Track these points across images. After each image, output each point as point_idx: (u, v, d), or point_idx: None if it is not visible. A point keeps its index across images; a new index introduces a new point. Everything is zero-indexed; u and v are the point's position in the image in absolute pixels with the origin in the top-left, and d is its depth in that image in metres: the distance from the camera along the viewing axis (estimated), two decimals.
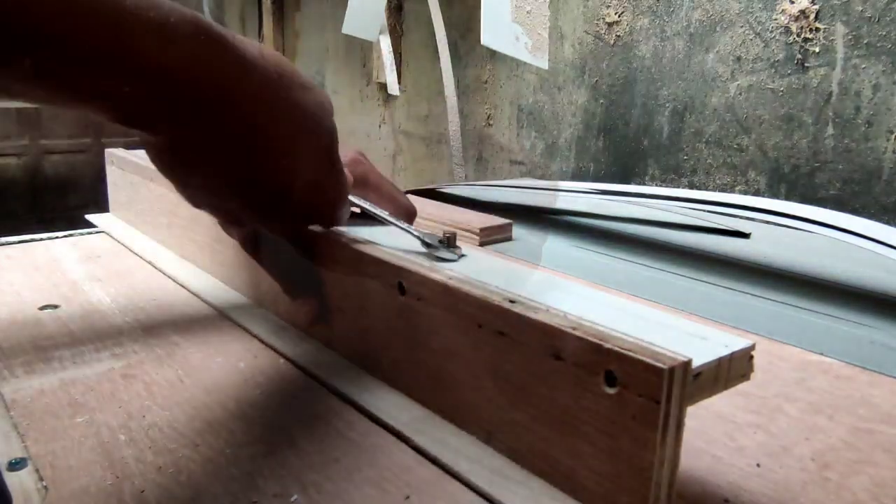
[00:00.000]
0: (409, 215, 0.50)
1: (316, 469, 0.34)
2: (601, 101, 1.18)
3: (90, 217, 0.81)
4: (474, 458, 0.34)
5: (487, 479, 0.32)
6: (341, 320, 0.44)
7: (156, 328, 0.51)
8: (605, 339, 0.28)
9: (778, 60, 0.93)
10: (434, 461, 0.34)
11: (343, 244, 0.43)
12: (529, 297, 0.33)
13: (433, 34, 1.35)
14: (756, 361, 0.30)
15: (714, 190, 1.02)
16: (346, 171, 0.43)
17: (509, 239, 0.75)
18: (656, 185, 1.11)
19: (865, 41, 0.84)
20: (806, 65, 0.90)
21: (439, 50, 1.32)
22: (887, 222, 0.76)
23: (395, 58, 1.60)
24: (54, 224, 0.89)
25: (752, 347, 0.30)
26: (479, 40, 1.12)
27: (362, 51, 1.83)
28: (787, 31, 0.91)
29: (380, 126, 1.81)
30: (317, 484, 0.33)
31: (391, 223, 0.45)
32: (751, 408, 0.40)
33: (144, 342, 0.48)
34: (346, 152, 0.46)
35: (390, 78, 1.55)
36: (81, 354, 0.46)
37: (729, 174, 1.00)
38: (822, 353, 0.48)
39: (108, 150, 0.80)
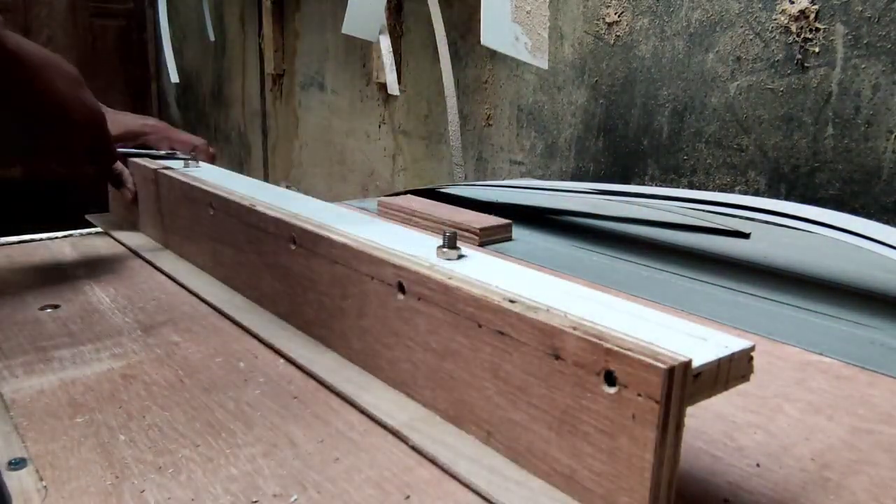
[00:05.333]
0: (194, 149, 0.73)
1: (316, 469, 0.34)
2: (601, 101, 1.18)
3: (90, 217, 0.81)
4: (473, 458, 0.34)
5: (486, 480, 0.32)
6: (341, 320, 0.44)
7: (156, 328, 0.51)
8: (605, 339, 0.28)
9: (778, 60, 0.93)
10: (433, 461, 0.34)
11: (342, 244, 0.43)
12: (529, 297, 0.33)
13: (433, 34, 1.35)
14: (756, 361, 0.30)
15: (714, 190, 1.02)
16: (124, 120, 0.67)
17: (509, 239, 0.75)
18: (656, 185, 1.10)
19: (865, 41, 0.84)
20: (806, 65, 0.90)
21: (439, 50, 1.32)
22: (887, 222, 0.76)
23: (395, 58, 1.60)
24: (54, 224, 0.89)
25: (752, 348, 0.30)
26: (479, 40, 1.12)
27: (362, 51, 1.83)
28: (787, 31, 0.91)
29: (380, 126, 1.81)
30: (317, 484, 0.33)
31: (156, 156, 0.70)
32: (751, 408, 0.40)
33: (144, 342, 0.48)
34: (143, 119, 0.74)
35: (390, 78, 1.55)
36: (81, 354, 0.46)
37: (729, 174, 1.00)
38: (821, 353, 0.48)
39: None
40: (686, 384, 0.27)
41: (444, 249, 0.40)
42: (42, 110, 0.55)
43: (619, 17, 1.13)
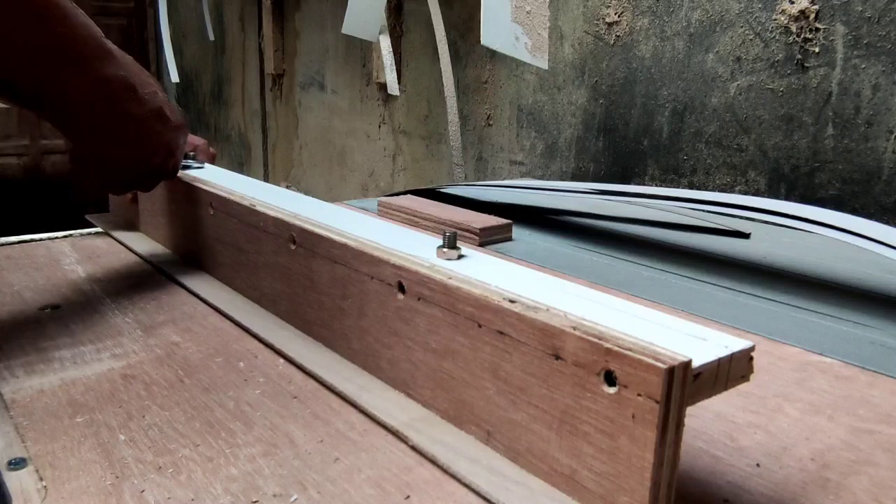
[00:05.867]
0: (194, 149, 0.70)
1: (316, 469, 0.34)
2: (601, 101, 1.18)
3: (90, 217, 0.81)
4: (473, 458, 0.34)
5: (486, 479, 0.32)
6: (341, 320, 0.44)
7: (156, 328, 0.51)
8: (604, 339, 0.28)
9: (778, 60, 0.93)
10: (433, 461, 0.34)
11: (342, 244, 0.43)
12: (529, 297, 0.33)
13: (433, 34, 1.35)
14: (756, 361, 0.30)
15: (714, 190, 1.02)
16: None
17: (509, 239, 0.75)
18: (656, 185, 1.11)
19: (865, 41, 0.84)
20: (806, 65, 0.90)
21: (439, 50, 1.32)
22: (887, 222, 0.76)
23: (395, 58, 1.60)
24: (54, 224, 0.89)
25: (752, 348, 0.30)
26: (479, 40, 1.11)
27: (362, 51, 1.83)
28: (787, 31, 0.91)
29: (380, 126, 1.81)
30: (317, 484, 0.33)
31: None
32: (751, 408, 0.40)
33: (144, 342, 0.48)
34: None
35: (390, 78, 1.55)
36: (81, 354, 0.46)
37: (729, 174, 1.00)
38: (822, 353, 0.48)
39: None
40: (686, 384, 0.27)
41: (444, 249, 0.40)
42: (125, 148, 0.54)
43: (619, 17, 1.13)
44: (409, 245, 0.42)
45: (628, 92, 1.13)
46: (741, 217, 0.70)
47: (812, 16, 0.88)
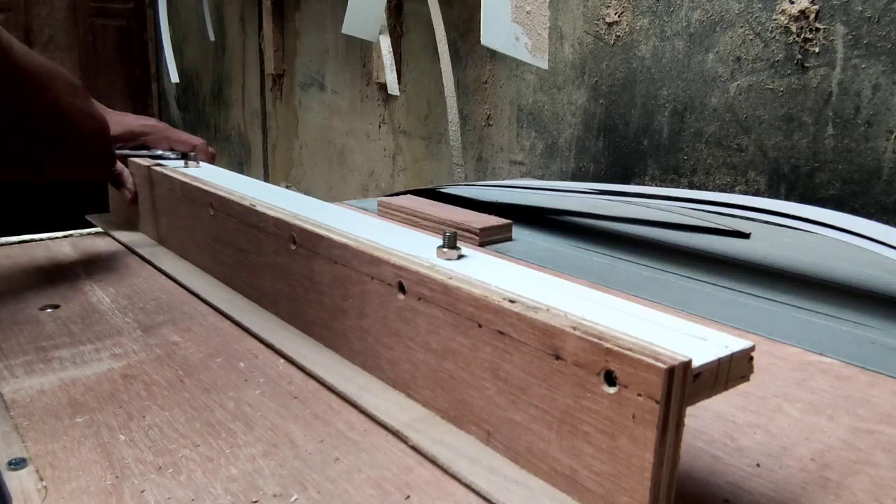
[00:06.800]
0: (193, 149, 0.73)
1: (316, 469, 0.34)
2: (601, 101, 1.18)
3: (90, 217, 0.81)
4: (473, 458, 0.34)
5: (486, 479, 0.32)
6: (342, 320, 0.44)
7: (156, 328, 0.51)
8: (604, 339, 0.28)
9: (778, 60, 0.93)
10: (433, 461, 0.34)
11: (342, 244, 0.43)
12: (529, 297, 0.33)
13: (433, 34, 1.35)
14: (756, 361, 0.30)
15: (714, 190, 1.02)
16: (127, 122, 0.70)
17: (509, 239, 0.75)
18: (656, 185, 1.10)
19: (865, 41, 0.84)
20: (806, 65, 0.90)
21: (439, 50, 1.32)
22: (887, 222, 0.76)
23: (395, 58, 1.60)
24: (54, 224, 0.90)
25: (752, 348, 0.30)
26: (479, 40, 1.11)
27: (362, 51, 1.83)
28: (787, 31, 0.91)
29: (380, 126, 1.81)
30: (317, 484, 0.33)
31: (148, 155, 0.72)
32: (751, 408, 0.40)
33: (144, 342, 0.48)
34: (140, 119, 0.74)
35: (390, 78, 1.55)
36: (81, 354, 0.46)
37: (729, 174, 1.00)
38: (822, 353, 0.48)
39: None
40: (686, 384, 0.27)
41: (444, 249, 0.40)
42: (51, 125, 0.56)
43: (619, 17, 1.13)
44: (409, 245, 0.42)
45: (628, 92, 1.13)
46: (741, 217, 0.70)
47: (812, 16, 0.88)
